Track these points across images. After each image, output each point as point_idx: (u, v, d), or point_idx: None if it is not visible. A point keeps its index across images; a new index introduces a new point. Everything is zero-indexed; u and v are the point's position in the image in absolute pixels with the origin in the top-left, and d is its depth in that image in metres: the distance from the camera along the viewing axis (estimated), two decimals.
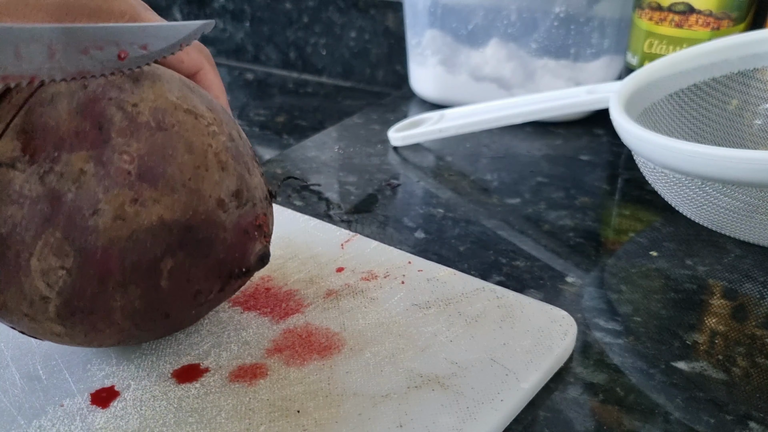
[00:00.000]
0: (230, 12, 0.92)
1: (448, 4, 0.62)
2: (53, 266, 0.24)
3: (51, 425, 0.27)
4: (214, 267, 0.27)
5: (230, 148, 0.28)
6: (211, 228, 0.26)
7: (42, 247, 0.24)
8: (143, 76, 0.27)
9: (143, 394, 0.29)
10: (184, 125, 0.26)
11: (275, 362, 0.30)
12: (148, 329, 0.28)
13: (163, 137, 0.26)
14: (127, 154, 0.25)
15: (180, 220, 0.25)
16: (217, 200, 0.27)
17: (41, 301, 0.25)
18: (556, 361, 0.31)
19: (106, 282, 0.25)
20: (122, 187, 0.24)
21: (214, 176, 0.26)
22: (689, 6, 0.53)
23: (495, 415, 0.27)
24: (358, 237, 0.41)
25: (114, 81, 0.26)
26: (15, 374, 0.30)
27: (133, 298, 0.26)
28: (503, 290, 0.35)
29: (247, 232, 0.28)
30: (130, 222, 0.25)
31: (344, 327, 0.33)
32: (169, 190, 0.25)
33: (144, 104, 0.26)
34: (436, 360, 0.30)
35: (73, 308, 0.25)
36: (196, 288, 0.27)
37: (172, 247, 0.26)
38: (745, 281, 0.39)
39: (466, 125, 0.54)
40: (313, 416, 0.27)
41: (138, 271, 0.25)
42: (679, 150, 0.38)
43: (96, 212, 0.24)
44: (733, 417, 0.29)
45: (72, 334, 0.27)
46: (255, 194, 0.28)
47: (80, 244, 0.24)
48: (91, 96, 0.25)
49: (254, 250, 0.28)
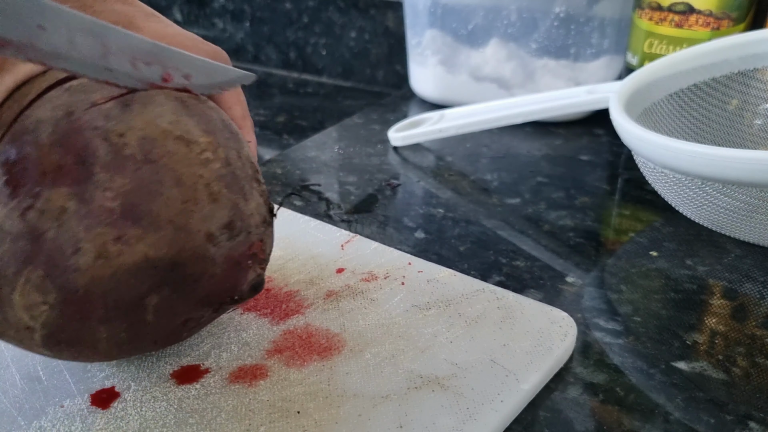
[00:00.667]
0: (230, 12, 0.92)
1: (448, 4, 0.62)
2: (36, 301, 0.24)
3: (51, 426, 0.27)
4: (202, 299, 0.26)
5: (224, 176, 0.26)
6: (198, 263, 0.25)
7: (24, 283, 0.24)
8: (134, 100, 0.26)
9: (143, 395, 0.29)
10: (173, 156, 0.25)
11: (275, 363, 0.30)
12: (137, 353, 0.27)
13: (150, 170, 0.24)
14: (111, 190, 0.24)
15: (165, 257, 0.24)
16: (206, 234, 0.25)
17: (26, 331, 0.25)
18: (556, 362, 0.31)
19: (89, 318, 0.24)
20: (105, 226, 0.23)
21: (203, 210, 0.25)
22: (689, 6, 0.53)
23: (495, 416, 0.27)
24: (358, 238, 0.41)
25: (102, 108, 0.25)
26: (15, 375, 0.30)
27: (119, 331, 0.25)
28: (503, 291, 0.35)
29: (238, 263, 0.27)
30: (112, 261, 0.24)
31: (344, 328, 0.33)
32: (154, 227, 0.24)
33: (131, 133, 0.24)
34: (436, 361, 0.30)
35: (58, 339, 0.25)
36: (184, 318, 0.27)
37: (157, 284, 0.25)
38: (745, 281, 0.39)
39: (466, 125, 0.54)
40: (313, 417, 0.27)
41: (121, 309, 0.24)
42: (679, 150, 0.38)
43: (77, 251, 0.23)
44: (733, 417, 0.29)
45: (60, 357, 0.26)
46: (250, 222, 0.27)
47: (61, 282, 0.23)
48: (75, 125, 0.24)
49: (247, 280, 0.27)
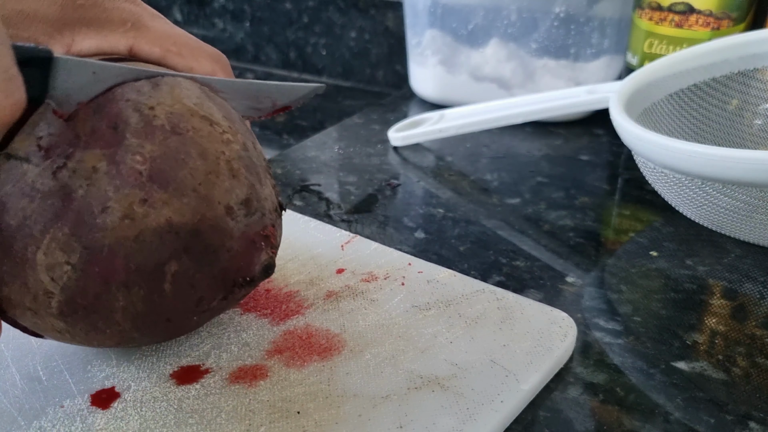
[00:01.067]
0: (230, 12, 0.92)
1: (448, 4, 0.62)
2: (59, 261, 0.24)
3: (51, 426, 0.27)
4: (218, 274, 0.27)
5: (243, 158, 0.28)
6: (218, 235, 0.26)
7: (49, 242, 0.24)
8: (163, 81, 0.27)
9: (143, 395, 0.29)
10: (198, 131, 0.26)
11: (275, 363, 0.30)
12: (149, 333, 0.28)
13: (177, 141, 0.26)
14: (140, 155, 0.25)
15: (188, 224, 0.25)
16: (226, 207, 0.26)
17: (45, 296, 0.25)
18: (556, 362, 0.31)
19: (109, 281, 0.25)
20: (133, 188, 0.25)
21: (224, 183, 0.26)
22: (689, 6, 0.53)
23: (495, 416, 0.27)
24: (358, 238, 0.40)
25: (134, 84, 0.26)
26: (15, 375, 0.30)
27: (136, 300, 0.26)
28: (503, 292, 0.35)
29: (253, 242, 0.28)
30: (138, 222, 0.25)
31: (344, 328, 0.33)
32: (178, 193, 0.25)
33: (161, 108, 0.26)
34: (436, 361, 0.30)
35: (75, 305, 0.25)
36: (199, 294, 0.27)
37: (177, 251, 0.25)
38: (745, 281, 0.39)
39: (466, 125, 0.54)
40: (314, 417, 0.27)
41: (142, 273, 0.25)
42: (679, 150, 0.38)
43: (105, 210, 0.24)
44: (733, 417, 0.29)
45: (73, 332, 0.27)
46: (264, 205, 0.28)
47: (87, 241, 0.24)
48: (109, 96, 0.26)
49: (260, 261, 0.28)
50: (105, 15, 0.28)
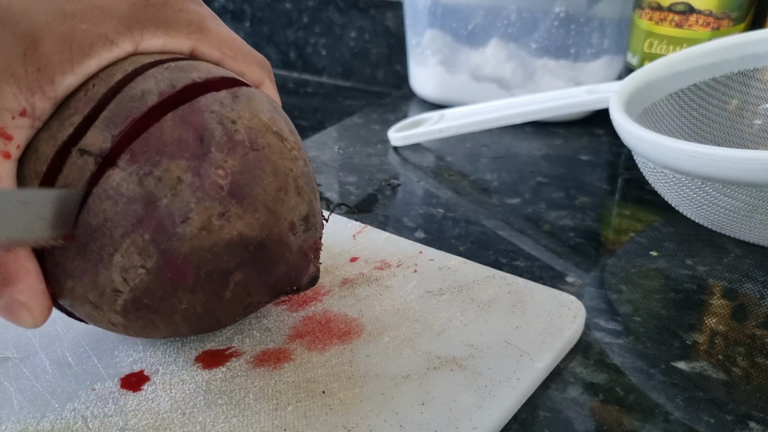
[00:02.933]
0: (230, 12, 0.92)
1: (448, 4, 0.62)
2: (134, 264, 0.25)
3: (85, 408, 0.28)
4: (272, 284, 0.28)
5: (305, 174, 0.29)
6: (280, 248, 0.27)
7: (128, 246, 0.25)
8: (240, 92, 0.28)
9: (171, 378, 0.29)
10: (272, 147, 0.27)
11: (297, 347, 0.31)
12: (196, 329, 0.29)
13: (255, 157, 0.26)
14: (223, 169, 0.26)
15: (256, 238, 0.26)
16: (290, 223, 0.28)
17: (112, 294, 0.26)
18: (567, 342, 0.32)
19: (177, 286, 0.26)
20: (213, 200, 0.25)
21: (291, 200, 0.27)
22: (689, 6, 0.53)
23: (512, 392, 0.28)
24: (369, 228, 0.41)
25: (216, 94, 0.27)
26: (45, 361, 0.30)
27: (197, 304, 0.27)
28: (513, 277, 0.36)
29: (306, 255, 0.29)
30: (214, 234, 0.25)
31: (362, 313, 0.33)
32: (252, 208, 0.26)
33: (241, 122, 0.27)
34: (452, 343, 0.31)
35: (140, 305, 0.26)
36: (251, 300, 0.28)
37: (244, 261, 0.27)
38: (745, 281, 0.39)
39: (466, 125, 0.54)
40: (338, 396, 0.28)
41: (209, 280, 0.26)
42: (679, 150, 0.38)
43: (186, 221, 0.25)
44: (733, 417, 0.29)
45: (127, 326, 0.27)
46: (318, 220, 0.30)
47: (165, 247, 0.25)
48: (194, 106, 0.26)
49: (308, 272, 0.29)
50: (174, 16, 0.28)
